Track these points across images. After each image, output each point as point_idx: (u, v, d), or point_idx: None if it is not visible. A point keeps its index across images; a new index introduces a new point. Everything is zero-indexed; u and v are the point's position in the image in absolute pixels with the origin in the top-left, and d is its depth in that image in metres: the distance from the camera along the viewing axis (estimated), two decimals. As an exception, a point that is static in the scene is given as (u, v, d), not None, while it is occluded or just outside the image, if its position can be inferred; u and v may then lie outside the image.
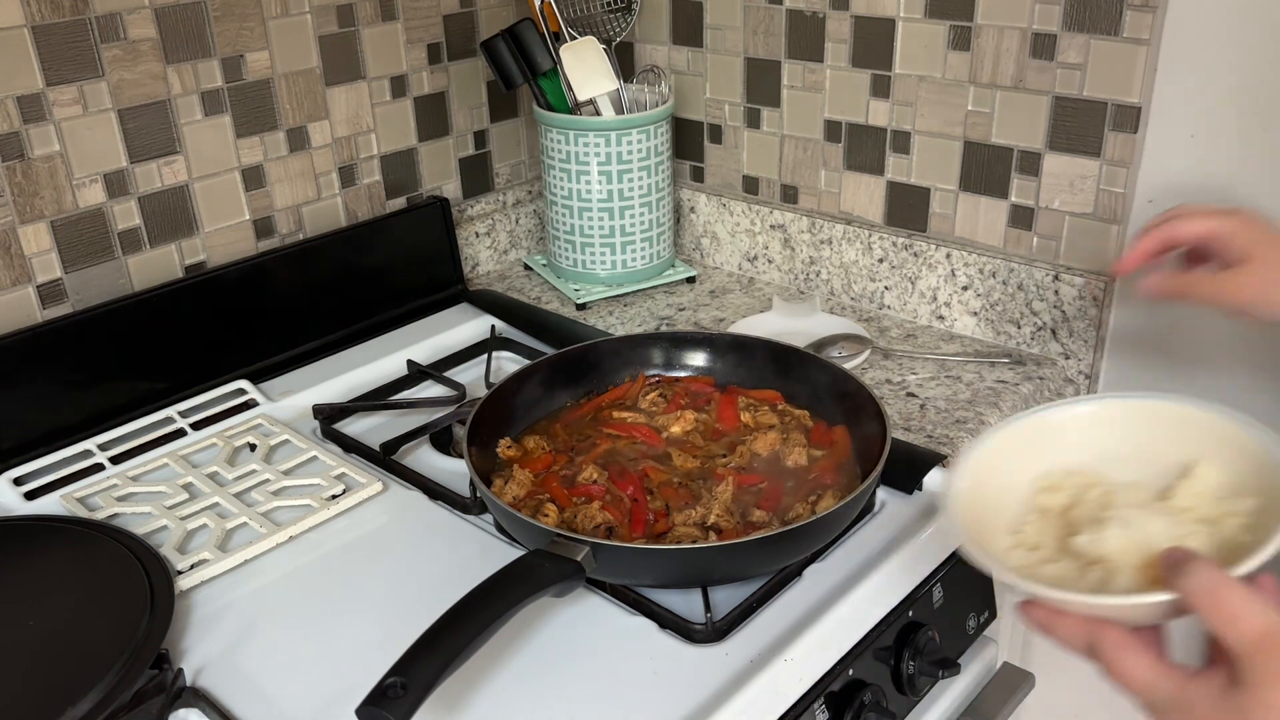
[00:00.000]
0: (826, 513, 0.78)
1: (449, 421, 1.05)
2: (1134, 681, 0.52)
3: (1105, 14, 1.02)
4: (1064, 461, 0.67)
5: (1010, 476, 0.67)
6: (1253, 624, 0.47)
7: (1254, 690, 0.46)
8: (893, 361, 1.15)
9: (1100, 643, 0.53)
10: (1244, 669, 0.47)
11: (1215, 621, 0.48)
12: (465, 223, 1.39)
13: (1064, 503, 0.65)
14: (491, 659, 0.75)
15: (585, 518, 0.83)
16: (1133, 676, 0.52)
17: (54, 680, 0.71)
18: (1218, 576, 0.49)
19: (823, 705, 0.77)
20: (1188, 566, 0.50)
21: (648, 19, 1.38)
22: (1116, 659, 0.53)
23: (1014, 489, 0.67)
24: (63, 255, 1.05)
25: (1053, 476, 0.67)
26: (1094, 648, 0.53)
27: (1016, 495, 0.66)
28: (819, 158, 1.29)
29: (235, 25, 1.12)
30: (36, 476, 0.97)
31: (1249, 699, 0.46)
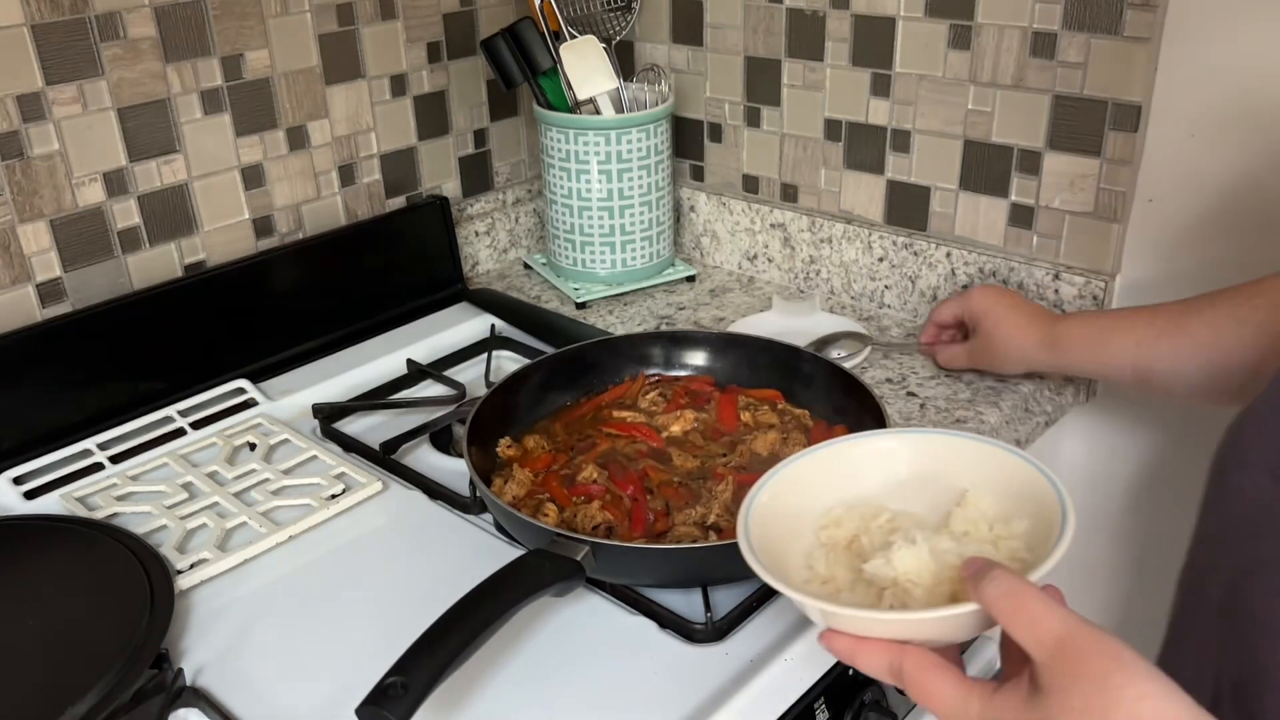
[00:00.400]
0: (827, 512, 0.77)
1: (449, 421, 1.05)
2: (942, 702, 0.52)
3: (1106, 13, 1.02)
4: (847, 495, 0.67)
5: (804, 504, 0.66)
6: (1051, 629, 0.47)
7: (1056, 695, 0.46)
8: (893, 361, 1.15)
9: (904, 665, 0.53)
10: (1044, 675, 0.47)
11: (1017, 626, 0.48)
12: (465, 222, 1.39)
13: (849, 534, 0.65)
14: (491, 659, 0.75)
15: (585, 517, 0.83)
16: (940, 697, 0.52)
17: (53, 680, 0.71)
18: (1018, 583, 0.49)
19: (823, 705, 0.77)
20: (990, 574, 0.50)
21: (648, 18, 1.38)
22: (922, 680, 0.52)
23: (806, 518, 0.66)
24: (62, 254, 1.05)
25: (833, 513, 0.66)
26: (899, 671, 0.53)
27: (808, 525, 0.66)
28: (819, 157, 1.29)
29: (235, 24, 1.11)
30: (36, 476, 0.97)
31: (1053, 704, 0.46)
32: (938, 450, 0.67)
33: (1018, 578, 0.49)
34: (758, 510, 0.64)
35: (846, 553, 0.63)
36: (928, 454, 0.67)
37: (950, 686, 0.52)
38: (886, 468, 0.68)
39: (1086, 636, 0.46)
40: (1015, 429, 1.03)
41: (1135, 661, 0.45)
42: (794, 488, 0.66)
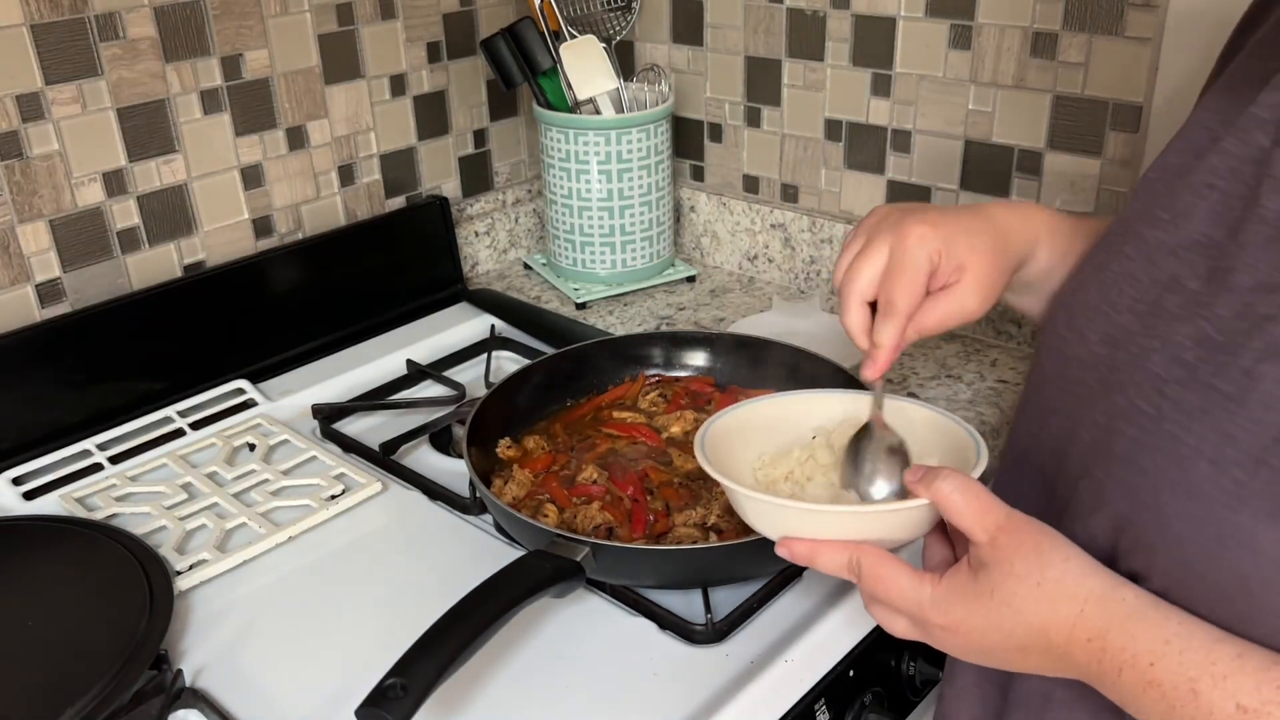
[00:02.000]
0: (827, 513, 0.77)
1: (449, 421, 1.04)
2: (899, 589, 0.58)
3: (1106, 13, 1.02)
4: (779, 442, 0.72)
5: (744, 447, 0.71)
6: (996, 515, 0.55)
7: (1000, 565, 0.54)
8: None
9: (862, 560, 0.59)
10: (988, 551, 0.54)
11: (966, 514, 0.55)
12: (465, 222, 1.38)
13: (782, 473, 0.69)
14: (491, 659, 0.75)
15: (585, 518, 0.83)
16: (896, 584, 0.58)
17: (53, 681, 0.71)
18: (966, 479, 0.56)
19: (823, 706, 0.77)
20: (938, 473, 0.57)
21: (648, 17, 1.38)
22: (878, 571, 0.58)
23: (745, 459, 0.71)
24: (61, 254, 1.05)
25: (764, 456, 0.71)
26: (856, 566, 0.59)
27: (746, 467, 0.71)
28: (819, 157, 1.29)
29: (234, 24, 1.11)
30: (35, 476, 0.97)
31: (997, 573, 0.54)
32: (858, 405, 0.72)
33: (963, 475, 0.57)
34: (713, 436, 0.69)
35: (785, 483, 0.69)
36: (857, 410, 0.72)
37: (904, 575, 0.58)
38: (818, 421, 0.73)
39: (1021, 518, 0.55)
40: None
41: (1058, 534, 0.55)
42: (735, 432, 0.71)
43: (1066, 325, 0.63)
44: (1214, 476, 0.50)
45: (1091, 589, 0.52)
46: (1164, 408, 0.53)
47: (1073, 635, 0.52)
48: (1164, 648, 0.50)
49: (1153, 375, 0.55)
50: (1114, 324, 0.59)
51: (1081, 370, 0.60)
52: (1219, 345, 0.52)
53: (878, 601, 0.60)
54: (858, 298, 0.67)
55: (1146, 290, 0.58)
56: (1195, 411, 0.52)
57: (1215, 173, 0.57)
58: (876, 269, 0.67)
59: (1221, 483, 0.50)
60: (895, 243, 0.67)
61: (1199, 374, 0.52)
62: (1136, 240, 0.60)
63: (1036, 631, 0.53)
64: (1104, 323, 0.60)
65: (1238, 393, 0.50)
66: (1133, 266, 0.60)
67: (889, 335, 0.66)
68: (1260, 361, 0.50)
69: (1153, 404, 0.54)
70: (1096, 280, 0.62)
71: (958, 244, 0.67)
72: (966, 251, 0.67)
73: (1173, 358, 0.54)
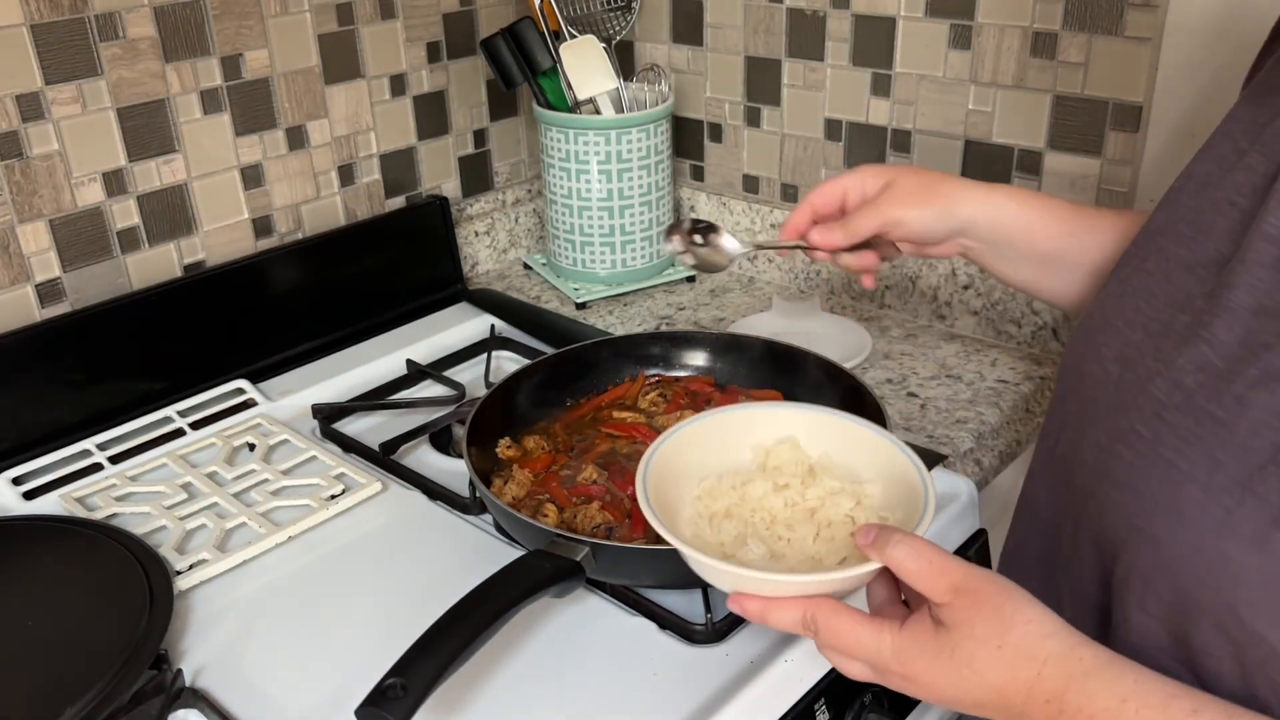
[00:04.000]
0: (827, 513, 0.77)
1: (449, 421, 1.04)
2: (857, 642, 0.56)
3: (1106, 13, 1.02)
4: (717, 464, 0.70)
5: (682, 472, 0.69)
6: (953, 576, 0.54)
7: (960, 627, 0.53)
8: (893, 361, 1.15)
9: (816, 615, 0.57)
10: (948, 612, 0.54)
11: (921, 578, 0.54)
12: (465, 222, 1.38)
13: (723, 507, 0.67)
14: (491, 659, 0.75)
15: (585, 518, 0.83)
16: (854, 637, 0.56)
17: (53, 680, 0.71)
18: (919, 542, 0.55)
19: (823, 706, 0.77)
20: (889, 537, 0.56)
21: (648, 17, 1.38)
22: (836, 626, 0.57)
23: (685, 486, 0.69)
24: (61, 254, 1.05)
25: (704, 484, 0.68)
26: (811, 622, 0.58)
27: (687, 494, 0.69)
28: (819, 157, 1.29)
29: (234, 24, 1.11)
30: (35, 476, 0.97)
31: (958, 635, 0.53)
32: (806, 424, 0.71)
33: (916, 537, 0.56)
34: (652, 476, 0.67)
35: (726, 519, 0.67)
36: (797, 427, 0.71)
37: (863, 627, 0.57)
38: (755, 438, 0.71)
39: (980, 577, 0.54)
40: (1016, 429, 1.03)
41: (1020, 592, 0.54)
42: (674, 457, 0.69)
43: (1085, 339, 0.63)
44: (1203, 502, 0.50)
45: (1051, 650, 0.52)
46: (1161, 432, 0.53)
47: (1030, 696, 0.52)
48: (1120, 705, 0.49)
49: (1154, 399, 0.55)
50: (1128, 341, 0.59)
51: (1094, 388, 0.60)
52: (1218, 371, 0.52)
53: (834, 650, 0.58)
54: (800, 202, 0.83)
55: (1162, 308, 0.58)
56: (1190, 437, 0.52)
57: (1238, 189, 0.57)
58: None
59: (1210, 509, 0.50)
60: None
61: (1196, 399, 0.52)
62: (1159, 255, 0.60)
63: (995, 691, 0.53)
64: (1119, 339, 0.60)
65: (1229, 418, 0.50)
66: (1151, 282, 0.60)
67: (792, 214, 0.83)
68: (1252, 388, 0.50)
69: (1151, 428, 0.54)
70: (1117, 294, 0.62)
71: (891, 172, 0.80)
72: (900, 173, 0.80)
73: (1174, 382, 0.54)
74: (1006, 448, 1.01)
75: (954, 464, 0.96)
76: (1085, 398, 0.61)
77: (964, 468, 0.96)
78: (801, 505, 0.66)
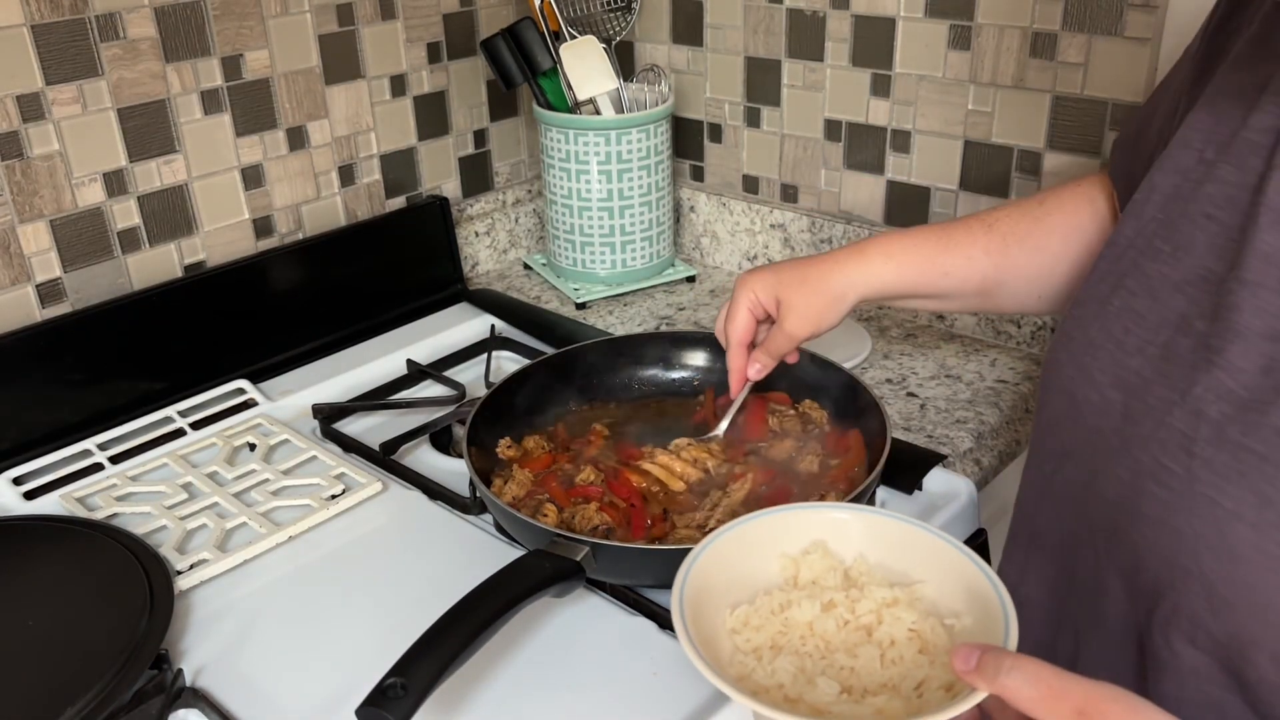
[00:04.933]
0: (827, 513, 0.77)
1: (449, 421, 1.04)
2: None
3: (1106, 13, 1.02)
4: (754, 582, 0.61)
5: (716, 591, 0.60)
6: (1075, 698, 0.47)
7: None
8: (893, 361, 1.15)
9: None
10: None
11: (1044, 705, 0.47)
12: (465, 222, 1.39)
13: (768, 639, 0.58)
14: (491, 659, 0.75)
15: (583, 519, 0.83)
16: None
17: (53, 680, 0.71)
18: (1036, 665, 0.48)
19: (823, 705, 0.77)
20: (1001, 663, 0.48)
21: (648, 18, 1.38)
22: None
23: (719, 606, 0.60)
24: (62, 254, 1.05)
25: (739, 614, 0.59)
26: None
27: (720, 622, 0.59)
28: (819, 157, 1.29)
29: (235, 24, 1.11)
30: (36, 476, 0.97)
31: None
32: (830, 524, 0.63)
33: (1029, 660, 0.49)
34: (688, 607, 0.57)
35: (774, 653, 0.57)
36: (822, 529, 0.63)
37: None
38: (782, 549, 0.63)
39: (1100, 694, 0.47)
40: (1015, 429, 1.03)
41: (1146, 705, 0.47)
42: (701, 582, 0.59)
43: (1071, 362, 0.62)
44: (1256, 540, 0.49)
45: None
46: (1194, 468, 0.51)
47: None
48: None
49: (1177, 432, 0.53)
50: (1125, 367, 0.58)
51: (1095, 416, 0.59)
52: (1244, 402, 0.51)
53: None
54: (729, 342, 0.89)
55: (1155, 331, 0.56)
56: (1229, 473, 0.50)
57: (1213, 202, 0.56)
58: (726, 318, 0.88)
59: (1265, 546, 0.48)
60: (732, 296, 0.87)
61: (1228, 433, 0.51)
62: (1137, 273, 0.59)
63: None
64: (1113, 364, 0.58)
65: (1269, 452, 0.49)
66: (1136, 303, 0.58)
67: (730, 360, 0.89)
68: None
69: (1181, 464, 0.52)
70: (1099, 315, 0.61)
71: (777, 287, 0.85)
72: (786, 290, 0.84)
73: (1195, 412, 0.52)
74: (1006, 448, 1.01)
75: (954, 464, 0.96)
76: (1087, 427, 0.59)
77: (964, 468, 0.97)
78: (854, 623, 0.57)
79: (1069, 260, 0.80)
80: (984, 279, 0.82)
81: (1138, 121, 0.75)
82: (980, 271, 0.82)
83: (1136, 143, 0.73)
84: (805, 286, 0.84)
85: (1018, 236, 0.81)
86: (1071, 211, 0.80)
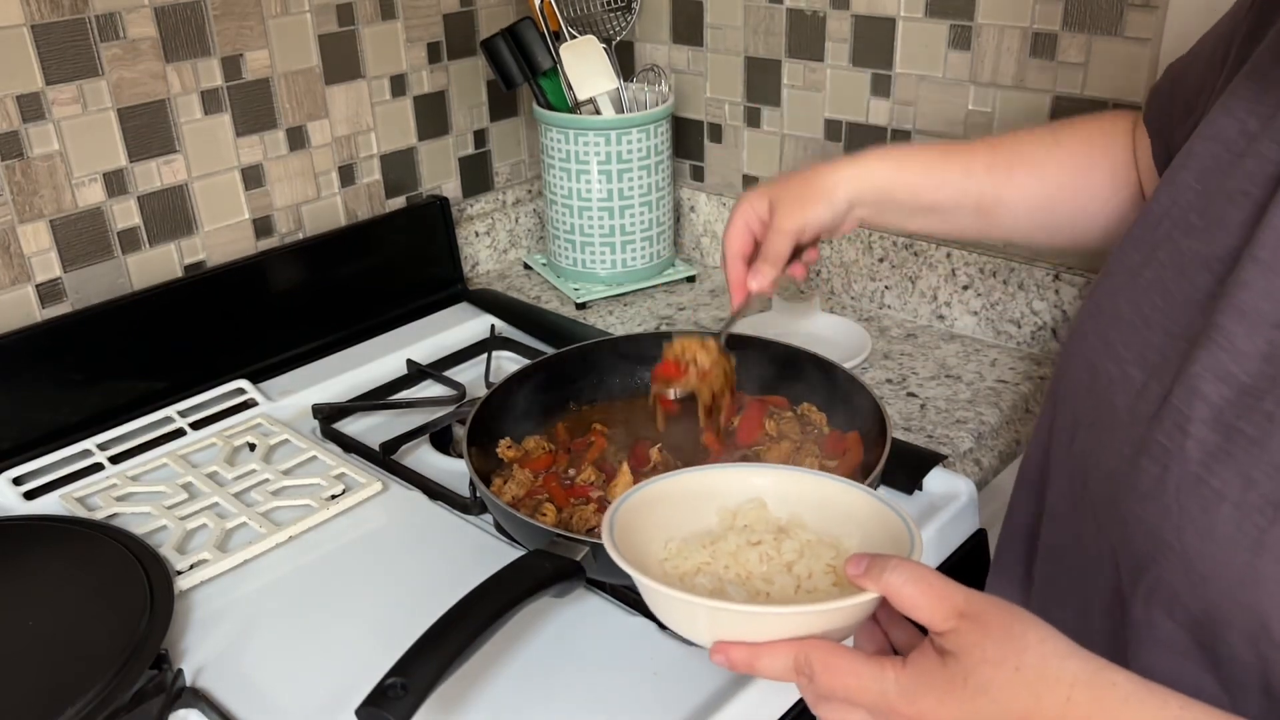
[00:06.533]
0: (827, 513, 0.77)
1: (449, 421, 1.05)
2: (859, 683, 0.51)
3: (1106, 13, 1.02)
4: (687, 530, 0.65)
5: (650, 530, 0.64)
6: (955, 600, 0.50)
7: (969, 651, 0.49)
8: (893, 361, 1.15)
9: (811, 656, 0.52)
10: (953, 639, 0.49)
11: (923, 607, 0.50)
12: (465, 222, 1.39)
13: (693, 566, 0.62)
14: (491, 659, 0.75)
15: (580, 519, 0.83)
16: (856, 678, 0.51)
17: (53, 680, 0.71)
18: (914, 568, 0.51)
19: (823, 705, 0.77)
20: (885, 564, 0.52)
21: (648, 18, 1.38)
22: (833, 666, 0.52)
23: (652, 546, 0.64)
24: (62, 254, 1.05)
25: (670, 546, 0.63)
26: (805, 665, 0.52)
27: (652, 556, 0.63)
28: (819, 157, 1.29)
29: (235, 24, 1.11)
30: (36, 476, 0.97)
31: (968, 660, 0.48)
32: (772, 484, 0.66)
33: (912, 562, 0.52)
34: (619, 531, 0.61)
35: (698, 577, 0.61)
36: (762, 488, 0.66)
37: (864, 665, 0.52)
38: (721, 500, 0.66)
39: (982, 600, 0.50)
40: (1015, 429, 1.03)
41: (1027, 613, 0.50)
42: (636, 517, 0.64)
43: (1096, 334, 0.62)
44: (1237, 520, 0.49)
45: (1075, 673, 0.48)
46: (1188, 447, 0.52)
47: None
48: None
49: (1175, 410, 0.53)
50: (1149, 344, 0.57)
51: (1113, 390, 0.58)
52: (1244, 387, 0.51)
53: (831, 699, 0.53)
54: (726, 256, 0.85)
55: (1181, 309, 0.56)
56: (1219, 454, 0.50)
57: (1251, 178, 0.54)
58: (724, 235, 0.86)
59: (1244, 527, 0.49)
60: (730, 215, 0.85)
61: (1224, 415, 0.51)
62: (1170, 246, 0.58)
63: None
64: (1138, 340, 0.58)
65: (1261, 437, 0.49)
66: (1166, 276, 0.57)
67: (728, 272, 0.85)
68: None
69: (1176, 442, 0.52)
70: (1129, 287, 0.60)
71: (769, 193, 0.82)
72: (777, 191, 0.82)
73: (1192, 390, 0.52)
74: (1006, 448, 1.01)
75: (954, 464, 0.96)
76: (1104, 400, 0.59)
77: (964, 468, 0.97)
78: (778, 560, 0.60)
79: (1074, 195, 0.79)
80: (982, 195, 0.80)
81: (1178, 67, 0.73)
82: (979, 187, 0.80)
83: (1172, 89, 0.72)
84: (795, 184, 0.83)
85: (1023, 158, 0.80)
86: (1085, 149, 0.79)
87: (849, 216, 0.83)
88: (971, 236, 0.87)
